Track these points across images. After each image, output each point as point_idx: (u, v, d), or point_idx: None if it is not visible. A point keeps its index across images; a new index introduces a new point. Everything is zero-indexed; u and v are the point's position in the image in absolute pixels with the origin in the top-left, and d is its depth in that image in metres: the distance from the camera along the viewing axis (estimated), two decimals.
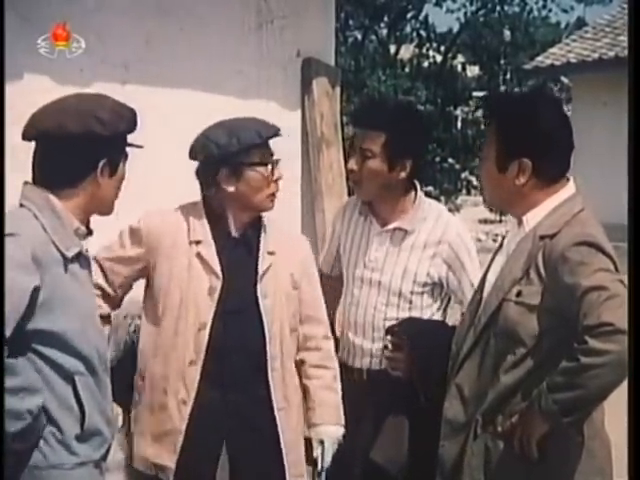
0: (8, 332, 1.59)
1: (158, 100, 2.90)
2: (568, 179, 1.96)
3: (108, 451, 1.83)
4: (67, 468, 1.71)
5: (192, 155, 2.17)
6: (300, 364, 2.29)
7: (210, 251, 2.15)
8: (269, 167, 2.17)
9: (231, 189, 2.14)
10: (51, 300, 1.65)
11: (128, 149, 1.86)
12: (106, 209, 1.84)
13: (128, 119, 1.81)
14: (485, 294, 2.00)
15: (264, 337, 2.14)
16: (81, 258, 1.76)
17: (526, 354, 1.85)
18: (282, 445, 2.15)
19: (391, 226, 2.45)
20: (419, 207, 2.46)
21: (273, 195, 2.19)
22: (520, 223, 1.95)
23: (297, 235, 2.49)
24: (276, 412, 2.15)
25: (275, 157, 2.20)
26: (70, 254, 1.70)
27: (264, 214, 2.24)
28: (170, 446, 2.12)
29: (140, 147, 1.88)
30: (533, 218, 1.91)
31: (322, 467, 2.26)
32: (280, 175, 2.20)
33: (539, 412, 1.80)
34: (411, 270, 2.41)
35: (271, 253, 2.20)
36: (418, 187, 2.50)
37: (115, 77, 2.90)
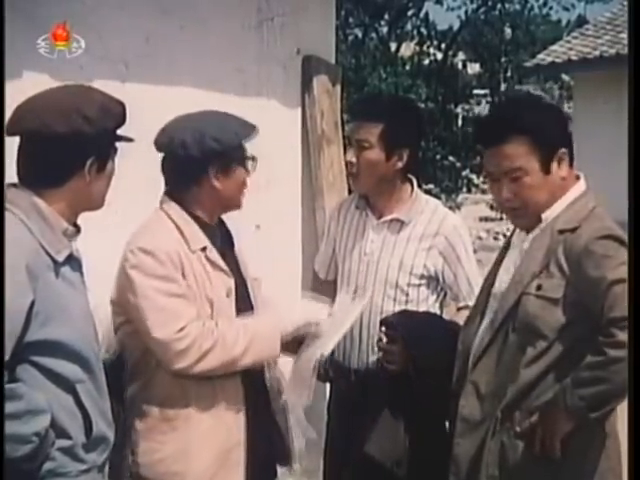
0: (7, 356, 1.54)
1: (158, 98, 2.90)
2: (578, 177, 1.99)
3: (110, 454, 1.80)
4: (72, 475, 1.68)
5: (182, 149, 2.02)
6: None
7: (215, 253, 2.09)
8: (251, 163, 2.14)
9: (219, 186, 2.07)
10: (45, 309, 1.60)
11: (124, 144, 1.80)
12: (95, 205, 1.78)
13: (117, 114, 1.74)
14: (496, 290, 2.01)
15: None
16: (72, 260, 1.71)
17: (547, 348, 1.85)
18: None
19: (388, 217, 2.45)
20: (416, 200, 2.47)
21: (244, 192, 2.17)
22: (540, 221, 1.95)
23: None
24: (268, 383, 2.20)
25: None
26: (61, 258, 1.65)
27: None
28: (234, 459, 2.06)
29: (131, 140, 1.81)
30: (550, 215, 1.94)
31: None
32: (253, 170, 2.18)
33: (564, 409, 1.80)
34: (407, 262, 2.41)
35: (236, 244, 2.22)
36: (414, 181, 2.51)
37: (115, 75, 2.90)
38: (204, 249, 2.05)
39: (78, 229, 1.77)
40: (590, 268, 1.80)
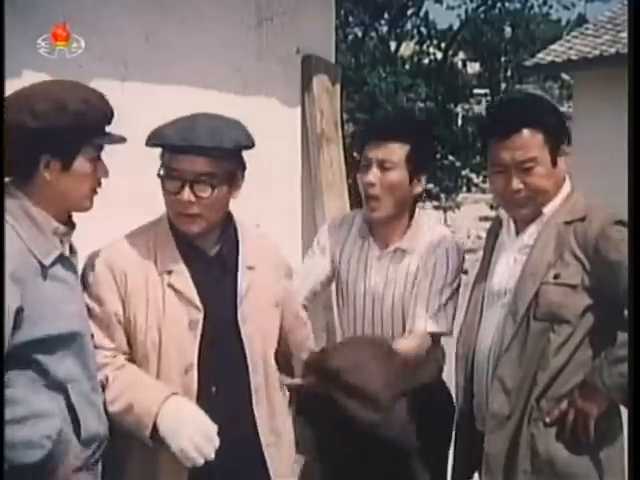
0: None
1: (157, 97, 2.90)
2: (564, 176, 2.07)
3: (103, 448, 1.78)
4: None
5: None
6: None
7: (184, 280, 1.86)
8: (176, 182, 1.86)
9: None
10: (35, 312, 1.58)
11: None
12: (77, 206, 1.72)
13: (74, 112, 1.63)
14: (497, 287, 2.05)
15: (242, 369, 1.91)
16: (63, 260, 1.68)
17: (571, 333, 1.92)
18: None
19: (391, 248, 2.32)
20: (418, 225, 2.34)
21: (187, 216, 1.86)
22: (539, 214, 2.02)
23: (267, 238, 2.13)
24: (264, 449, 1.93)
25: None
26: (49, 260, 1.62)
27: (238, 220, 2.00)
28: None
29: (122, 140, 1.73)
30: (550, 210, 2.01)
31: None
32: (187, 198, 1.84)
33: (601, 389, 1.86)
34: (408, 296, 2.27)
35: (251, 268, 1.94)
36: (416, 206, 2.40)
37: (114, 74, 2.90)
38: (170, 272, 1.87)
39: (72, 225, 1.73)
40: (610, 251, 1.87)
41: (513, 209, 2.05)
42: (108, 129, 1.76)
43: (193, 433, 1.74)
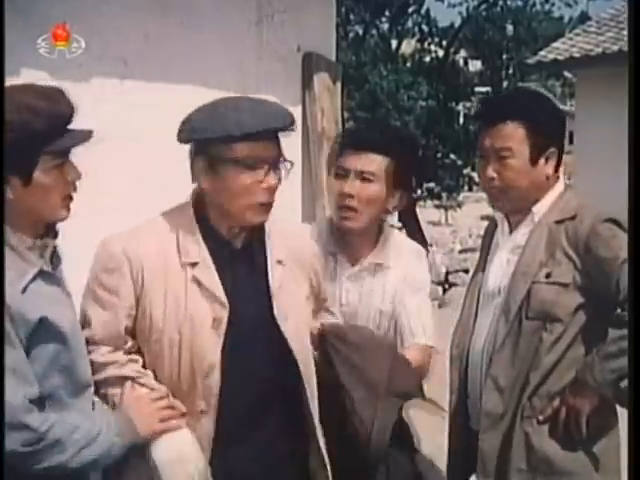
0: None
1: (157, 96, 2.89)
2: (558, 177, 2.07)
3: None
4: None
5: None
6: None
7: (210, 274, 1.72)
8: (258, 171, 1.70)
9: (206, 185, 1.72)
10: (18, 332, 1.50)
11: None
12: (50, 218, 1.60)
13: (12, 124, 1.50)
14: (491, 288, 2.06)
15: (286, 367, 1.77)
16: (44, 275, 1.58)
17: (564, 331, 1.93)
18: None
19: (364, 263, 2.22)
20: (388, 240, 2.26)
21: (265, 205, 1.74)
22: (527, 214, 2.02)
23: (299, 230, 2.05)
24: (323, 450, 1.83)
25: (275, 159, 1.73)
26: (22, 284, 1.52)
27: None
28: None
29: (88, 136, 1.60)
30: (540, 209, 2.02)
31: None
32: (275, 183, 1.72)
33: (592, 385, 1.87)
34: (387, 308, 2.21)
35: (280, 262, 1.81)
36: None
37: (114, 73, 2.89)
38: (194, 265, 1.72)
39: (54, 234, 1.63)
40: (601, 249, 1.88)
41: (492, 201, 2.08)
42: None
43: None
